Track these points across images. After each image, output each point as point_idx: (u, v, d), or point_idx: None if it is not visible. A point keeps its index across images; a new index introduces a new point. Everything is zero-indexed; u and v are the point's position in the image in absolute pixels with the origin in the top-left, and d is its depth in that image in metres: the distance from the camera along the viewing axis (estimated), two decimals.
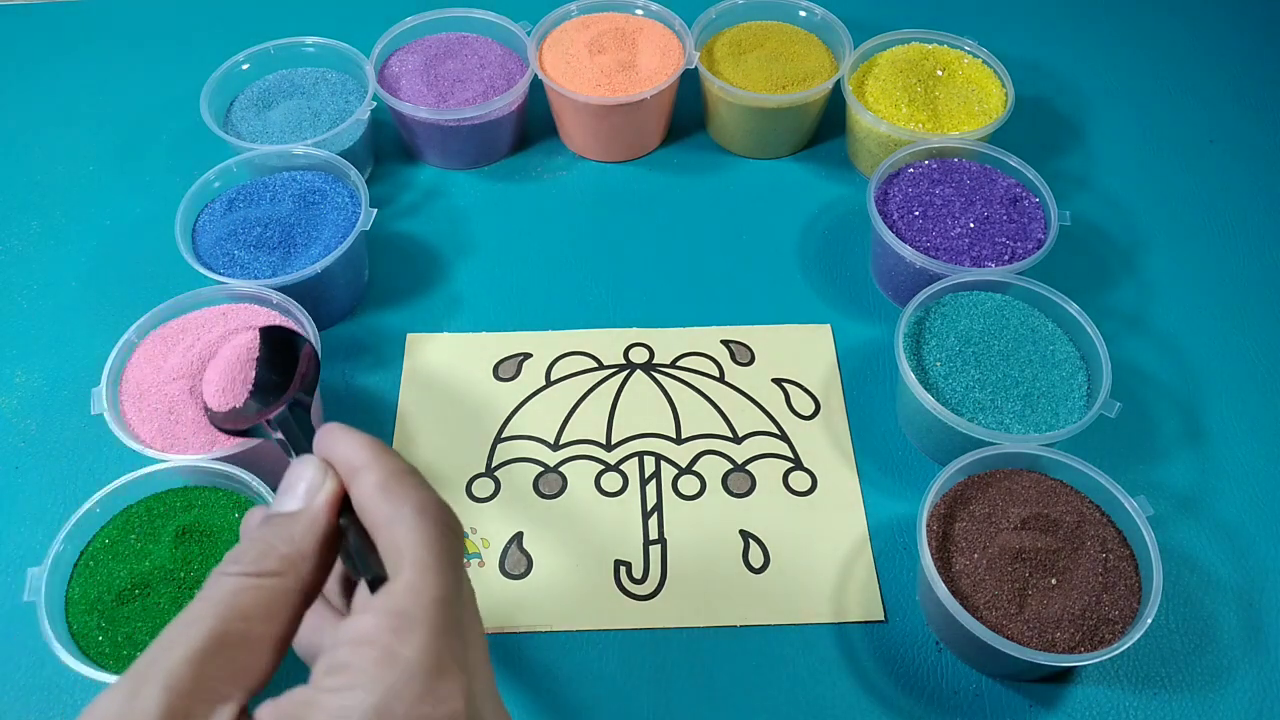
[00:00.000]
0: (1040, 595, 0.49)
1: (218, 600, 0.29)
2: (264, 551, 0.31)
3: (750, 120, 0.74)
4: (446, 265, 0.70)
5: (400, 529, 0.31)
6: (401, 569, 0.30)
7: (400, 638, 0.28)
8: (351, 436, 0.33)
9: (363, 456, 0.33)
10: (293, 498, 0.33)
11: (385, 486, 0.32)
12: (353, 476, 0.33)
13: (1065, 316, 0.59)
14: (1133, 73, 0.84)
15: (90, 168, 0.77)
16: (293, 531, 0.32)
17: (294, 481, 0.33)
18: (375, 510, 0.31)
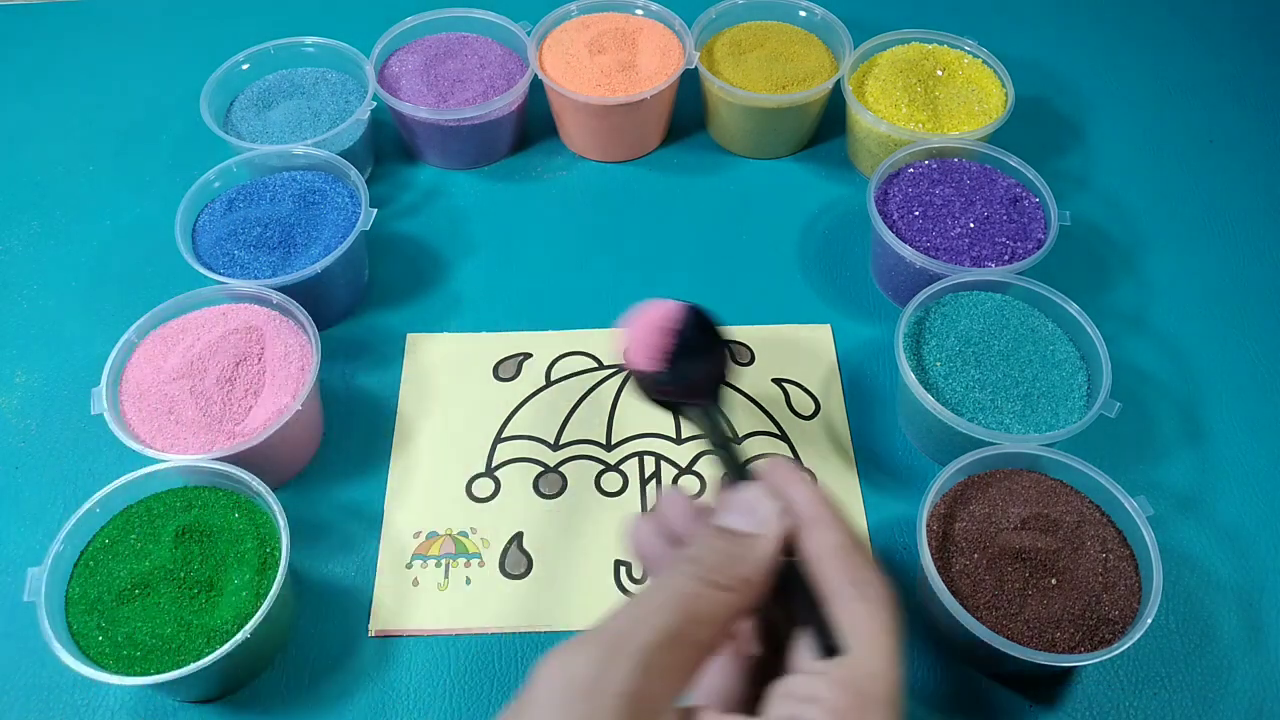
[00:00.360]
0: (1040, 595, 0.49)
1: (681, 595, 0.31)
2: (724, 565, 0.32)
3: (750, 120, 0.74)
4: (446, 265, 0.70)
5: (864, 608, 0.32)
6: (859, 646, 0.31)
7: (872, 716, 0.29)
8: (807, 486, 0.35)
9: (819, 511, 0.34)
10: (746, 520, 0.34)
11: (849, 556, 0.33)
12: (809, 525, 0.34)
13: (1065, 316, 0.59)
14: (1133, 73, 0.84)
15: (90, 168, 0.77)
16: (752, 555, 0.33)
17: (748, 506, 0.34)
18: (831, 576, 0.33)
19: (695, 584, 0.31)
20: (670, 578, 0.31)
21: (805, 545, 0.34)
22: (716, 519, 0.34)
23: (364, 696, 0.51)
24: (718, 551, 0.32)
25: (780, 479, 0.35)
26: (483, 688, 0.51)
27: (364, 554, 0.56)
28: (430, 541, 0.56)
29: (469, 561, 0.56)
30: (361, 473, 0.59)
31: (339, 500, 0.58)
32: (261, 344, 0.58)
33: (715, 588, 0.31)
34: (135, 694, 0.51)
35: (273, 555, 0.50)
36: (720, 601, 0.31)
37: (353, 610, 0.54)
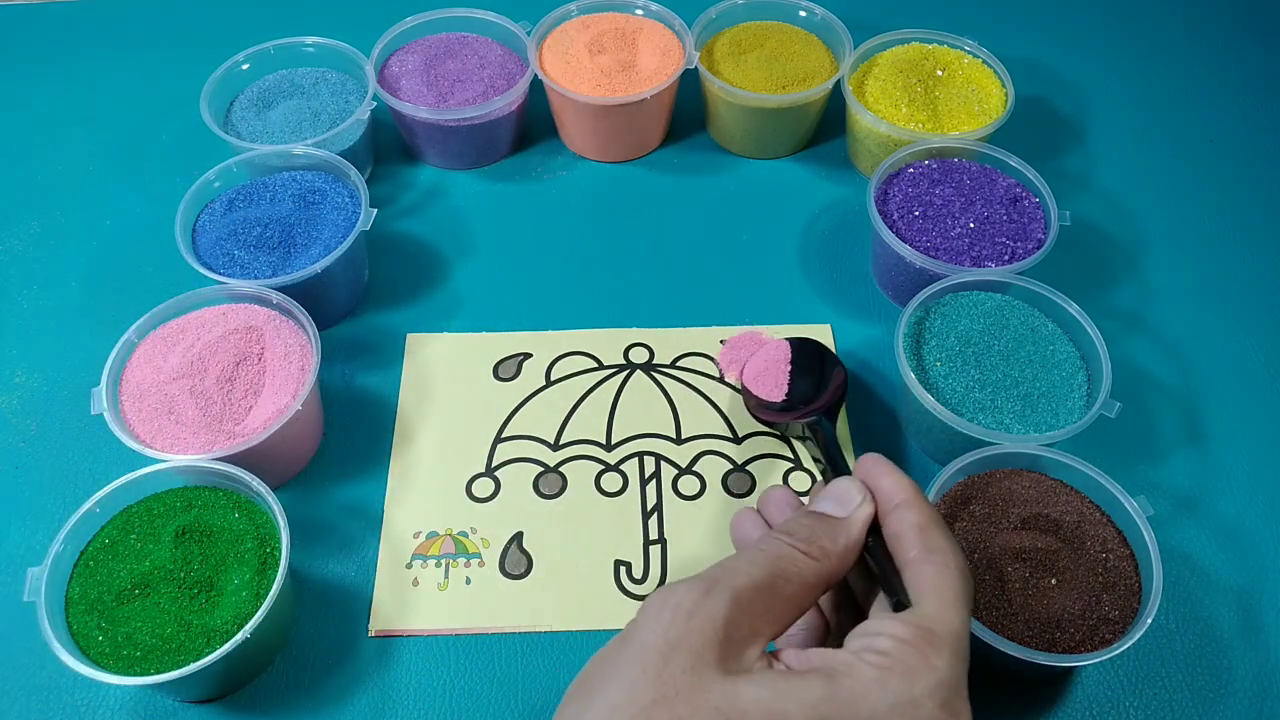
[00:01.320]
0: (1040, 595, 0.49)
1: (771, 555, 0.36)
2: (810, 536, 0.37)
3: (750, 120, 0.74)
4: (446, 265, 0.70)
5: (930, 568, 0.36)
6: (927, 599, 0.35)
7: (935, 650, 0.33)
8: (895, 474, 0.40)
9: (904, 496, 0.38)
10: (838, 505, 0.39)
11: (924, 529, 0.37)
12: (893, 509, 0.38)
13: (1065, 316, 0.59)
14: (1133, 73, 0.84)
15: (90, 168, 0.77)
16: (835, 531, 0.38)
17: (839, 493, 0.40)
18: (909, 545, 0.37)
19: (784, 548, 0.36)
20: (764, 541, 0.37)
21: (889, 524, 0.38)
22: (813, 504, 0.40)
23: (364, 696, 0.51)
24: (806, 527, 0.38)
25: (870, 469, 0.40)
26: (483, 688, 0.51)
27: (364, 554, 0.56)
28: (430, 541, 0.56)
29: (469, 561, 0.56)
30: (361, 473, 0.59)
31: (339, 500, 0.58)
32: (261, 344, 0.58)
33: (802, 554, 0.36)
34: (135, 694, 0.51)
35: (273, 555, 0.50)
36: (805, 565, 0.36)
37: (353, 610, 0.54)
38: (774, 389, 0.59)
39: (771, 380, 0.59)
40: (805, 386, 0.58)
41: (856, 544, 0.38)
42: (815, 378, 0.59)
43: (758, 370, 0.60)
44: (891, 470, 0.40)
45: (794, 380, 0.59)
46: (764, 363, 0.60)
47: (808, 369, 0.60)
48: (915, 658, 0.33)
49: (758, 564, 0.35)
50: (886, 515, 0.39)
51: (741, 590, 0.34)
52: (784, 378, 0.59)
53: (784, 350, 0.60)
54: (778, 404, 0.58)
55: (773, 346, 0.61)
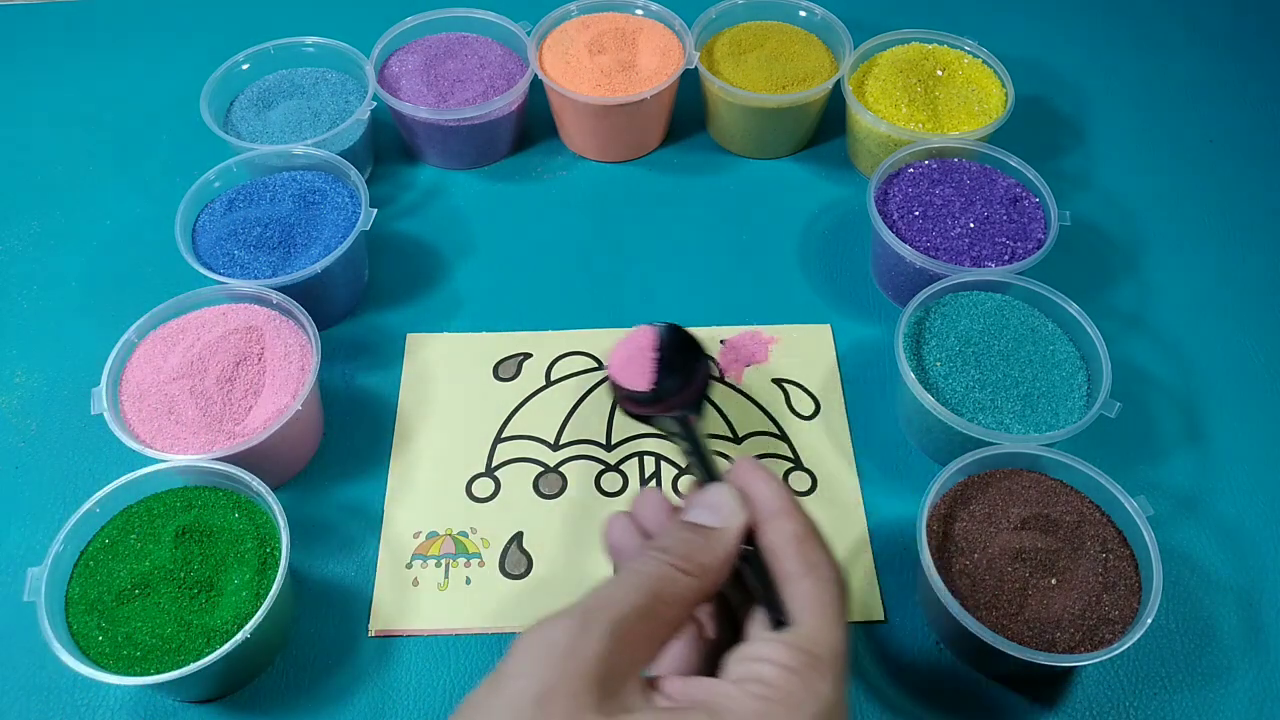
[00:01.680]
0: (1040, 595, 0.49)
1: (649, 576, 0.35)
2: (688, 553, 0.36)
3: (750, 120, 0.74)
4: (446, 265, 0.70)
5: (810, 585, 0.35)
6: (808, 616, 0.35)
7: (817, 675, 0.33)
8: (770, 481, 0.38)
9: (780, 505, 0.38)
10: (711, 515, 0.38)
11: (802, 541, 0.36)
12: (769, 518, 0.37)
13: (1065, 316, 0.59)
14: (1133, 73, 0.84)
15: (90, 168, 0.77)
16: (713, 544, 0.37)
17: (715, 502, 0.38)
18: (787, 558, 0.36)
19: (662, 568, 0.35)
20: (640, 563, 0.35)
21: (764, 535, 0.37)
22: (685, 515, 0.38)
23: (364, 696, 0.51)
24: (684, 542, 0.36)
25: (744, 476, 0.39)
26: None
27: (364, 554, 0.56)
28: (430, 541, 0.56)
29: (469, 561, 0.56)
30: (361, 473, 0.59)
31: (339, 500, 0.58)
32: (261, 344, 0.58)
33: (680, 572, 0.35)
34: (135, 694, 0.51)
35: (273, 555, 0.50)
36: (684, 584, 0.35)
37: (353, 610, 0.54)
38: (638, 377, 0.53)
39: (636, 369, 0.54)
40: (675, 379, 0.53)
41: (732, 556, 0.37)
42: (686, 370, 0.54)
43: (623, 359, 0.54)
44: (766, 476, 0.39)
45: (663, 372, 0.53)
46: (629, 350, 0.55)
47: (678, 361, 0.54)
48: (799, 686, 0.32)
49: (636, 589, 0.34)
50: (762, 524, 0.37)
51: (621, 621, 0.32)
52: (649, 366, 0.53)
53: (649, 337, 0.55)
54: (645, 395, 0.53)
55: (639, 333, 0.55)
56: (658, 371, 0.54)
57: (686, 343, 0.56)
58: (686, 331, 0.56)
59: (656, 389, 0.53)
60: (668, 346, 0.55)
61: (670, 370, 0.54)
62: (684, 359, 0.55)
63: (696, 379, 0.54)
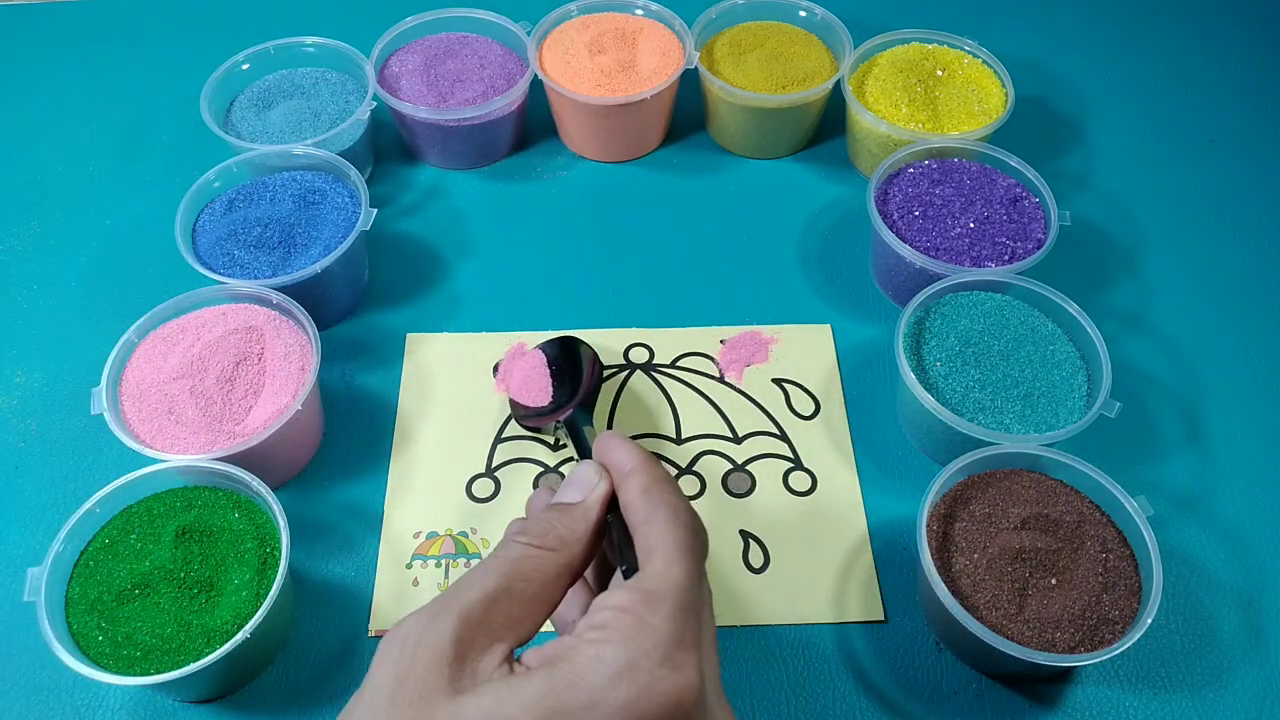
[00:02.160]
0: (1040, 595, 0.49)
1: (505, 559, 0.36)
2: (546, 530, 0.37)
3: (750, 120, 0.74)
4: (446, 265, 0.70)
5: (654, 527, 0.36)
6: (652, 559, 0.35)
7: (650, 610, 0.33)
8: (625, 446, 0.40)
9: (631, 464, 0.39)
10: (574, 491, 0.39)
11: (647, 490, 0.37)
12: (622, 480, 0.39)
13: (1065, 316, 0.59)
14: (1133, 73, 0.84)
15: (90, 168, 0.77)
16: (571, 518, 0.38)
17: (576, 479, 0.40)
18: (636, 509, 0.37)
19: (518, 549, 0.36)
20: (499, 548, 0.37)
21: (621, 495, 0.38)
22: (556, 496, 0.40)
23: None
24: (543, 521, 0.38)
25: (603, 448, 0.40)
26: None
27: (364, 554, 0.56)
28: (430, 542, 0.56)
29: (469, 562, 0.56)
30: (361, 473, 0.59)
31: (339, 500, 0.58)
32: (261, 344, 0.58)
33: (538, 550, 0.36)
34: (135, 694, 0.51)
35: (273, 555, 0.50)
36: (544, 559, 0.36)
37: (353, 610, 0.54)
38: (540, 394, 0.59)
39: (536, 387, 0.60)
40: (567, 387, 0.59)
41: (596, 525, 0.38)
42: (575, 374, 0.60)
43: (520, 381, 0.61)
44: (622, 443, 0.40)
45: (558, 383, 0.60)
46: (524, 373, 0.61)
47: (567, 368, 0.60)
48: (630, 623, 0.33)
49: (490, 573, 0.35)
50: (618, 487, 0.39)
51: (471, 606, 0.33)
52: (546, 383, 0.60)
53: (539, 357, 0.61)
54: (547, 408, 0.59)
55: (529, 356, 0.62)
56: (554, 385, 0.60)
57: (570, 349, 0.61)
58: (569, 339, 0.62)
59: (554, 400, 0.59)
60: (557, 360, 0.61)
61: (563, 379, 0.60)
62: (571, 364, 0.61)
63: (587, 379, 0.59)
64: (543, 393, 0.60)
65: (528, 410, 0.60)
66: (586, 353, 0.61)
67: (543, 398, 0.59)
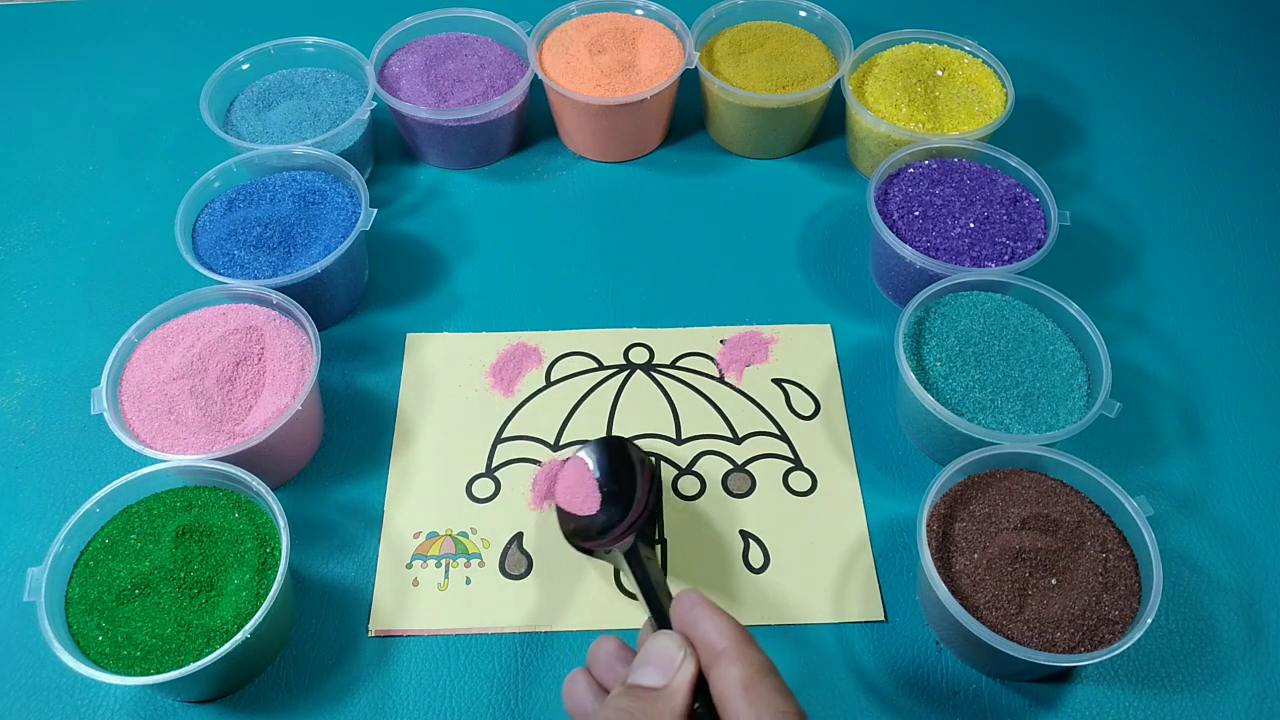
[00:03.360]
0: (1040, 595, 0.49)
1: None
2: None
3: (750, 120, 0.74)
4: (446, 265, 0.70)
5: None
6: None
7: None
8: (713, 617, 0.36)
9: (725, 643, 0.35)
10: (654, 672, 0.35)
11: (749, 686, 0.33)
12: (714, 661, 0.35)
13: (1065, 316, 0.59)
14: (1133, 73, 0.84)
15: (90, 168, 0.77)
16: (656, 708, 0.34)
17: (655, 655, 0.36)
18: (736, 709, 0.33)
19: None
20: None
21: (713, 682, 0.35)
22: (630, 675, 0.36)
23: (364, 696, 0.51)
24: (624, 711, 0.34)
25: (689, 617, 0.36)
26: (483, 688, 0.51)
27: (364, 554, 0.56)
28: (430, 542, 0.56)
29: (469, 562, 0.56)
30: (361, 473, 0.59)
31: (339, 500, 0.58)
32: (261, 344, 0.58)
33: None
34: (135, 694, 0.51)
35: (273, 555, 0.50)
36: None
37: (353, 610, 0.54)
38: (586, 502, 0.54)
39: (581, 493, 0.55)
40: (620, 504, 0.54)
41: (681, 714, 0.34)
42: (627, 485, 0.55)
43: (565, 488, 0.56)
44: (710, 612, 0.36)
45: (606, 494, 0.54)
46: (568, 480, 0.56)
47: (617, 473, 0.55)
48: None
49: None
50: (709, 670, 0.35)
51: None
52: (591, 487, 0.55)
53: (581, 463, 0.56)
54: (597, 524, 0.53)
55: (572, 462, 0.56)
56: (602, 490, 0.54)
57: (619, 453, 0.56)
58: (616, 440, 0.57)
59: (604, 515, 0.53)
60: (604, 465, 0.56)
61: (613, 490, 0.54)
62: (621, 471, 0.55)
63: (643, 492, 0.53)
64: (589, 500, 0.54)
65: (578, 523, 0.54)
66: (635, 456, 0.56)
67: (590, 505, 0.54)
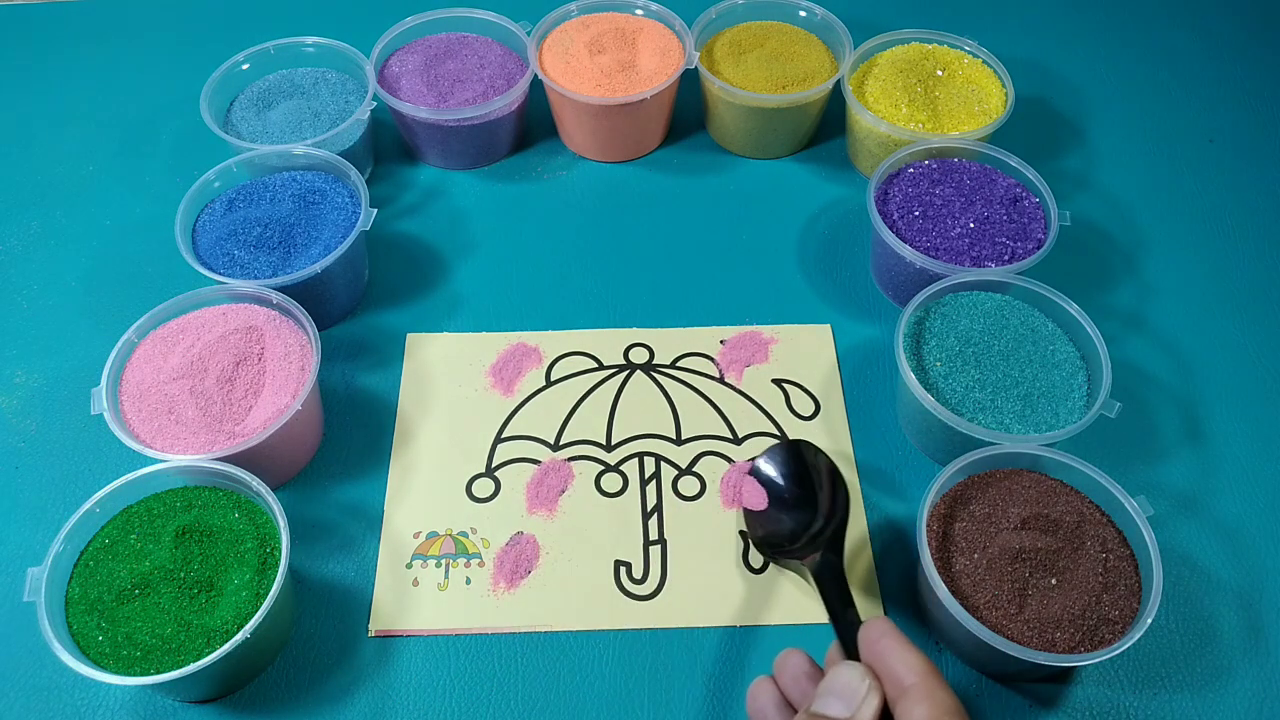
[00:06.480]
0: (1040, 595, 0.49)
1: None
2: None
3: (750, 120, 0.74)
4: (446, 265, 0.70)
5: None
6: None
7: None
8: (903, 650, 0.36)
9: (912, 678, 0.35)
10: (838, 703, 0.35)
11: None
12: (900, 696, 0.35)
13: (1065, 316, 0.59)
14: (1132, 73, 0.84)
15: (90, 168, 0.77)
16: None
17: (840, 686, 0.36)
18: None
19: None
20: None
21: (898, 717, 0.35)
22: (814, 703, 0.36)
23: (364, 696, 0.51)
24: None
25: (878, 650, 0.37)
26: (483, 688, 0.51)
27: (364, 554, 0.56)
28: (430, 541, 0.56)
29: (469, 561, 0.56)
30: (361, 473, 0.59)
31: (339, 500, 0.58)
32: (261, 344, 0.58)
33: None
34: (135, 694, 0.51)
35: (273, 555, 0.50)
36: None
37: (353, 610, 0.54)
38: (756, 497, 0.56)
39: (755, 494, 0.56)
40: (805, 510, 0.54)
41: None
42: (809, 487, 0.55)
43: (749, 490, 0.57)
44: (898, 646, 0.36)
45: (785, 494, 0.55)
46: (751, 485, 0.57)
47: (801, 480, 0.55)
48: None
49: None
50: (894, 704, 0.35)
51: None
52: (759, 490, 0.56)
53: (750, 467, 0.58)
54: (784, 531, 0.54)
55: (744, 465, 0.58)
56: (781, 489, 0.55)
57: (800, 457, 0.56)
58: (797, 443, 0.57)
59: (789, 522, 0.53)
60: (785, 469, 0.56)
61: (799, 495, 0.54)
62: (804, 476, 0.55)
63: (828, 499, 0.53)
64: (759, 498, 0.56)
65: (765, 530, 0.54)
66: (824, 463, 0.55)
67: (758, 500, 0.56)
